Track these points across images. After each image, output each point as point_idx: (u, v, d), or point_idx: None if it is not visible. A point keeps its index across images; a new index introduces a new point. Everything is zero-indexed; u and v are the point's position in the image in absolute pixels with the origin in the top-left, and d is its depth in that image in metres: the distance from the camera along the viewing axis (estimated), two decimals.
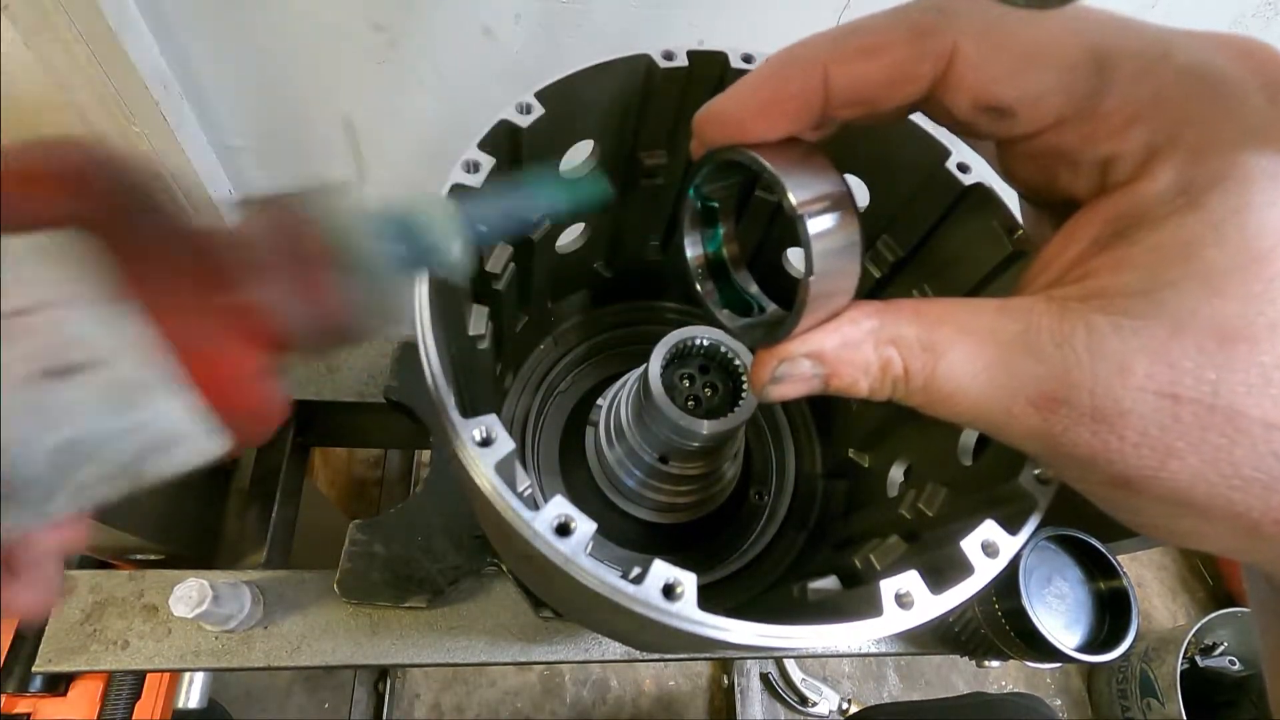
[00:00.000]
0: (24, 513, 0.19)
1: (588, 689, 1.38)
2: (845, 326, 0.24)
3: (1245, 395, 0.19)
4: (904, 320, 0.23)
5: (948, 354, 0.22)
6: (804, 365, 0.24)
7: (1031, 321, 0.21)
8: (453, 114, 0.70)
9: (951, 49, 0.22)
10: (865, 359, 0.23)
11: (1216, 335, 0.19)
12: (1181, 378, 0.19)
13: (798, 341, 0.24)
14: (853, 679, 1.48)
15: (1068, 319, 0.21)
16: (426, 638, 0.52)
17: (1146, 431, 0.20)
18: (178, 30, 0.60)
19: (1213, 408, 0.19)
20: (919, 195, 0.38)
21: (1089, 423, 0.21)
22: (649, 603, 0.23)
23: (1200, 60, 0.21)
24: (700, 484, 0.49)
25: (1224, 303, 0.19)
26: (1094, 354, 0.20)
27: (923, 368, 0.23)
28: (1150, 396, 0.20)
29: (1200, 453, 0.20)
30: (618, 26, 0.60)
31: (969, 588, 0.25)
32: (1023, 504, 0.28)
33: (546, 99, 0.34)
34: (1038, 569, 0.49)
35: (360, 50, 0.62)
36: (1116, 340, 0.20)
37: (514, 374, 0.55)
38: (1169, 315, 0.20)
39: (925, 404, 0.23)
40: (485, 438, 0.26)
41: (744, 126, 0.24)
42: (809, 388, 0.24)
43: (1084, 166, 0.23)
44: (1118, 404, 0.20)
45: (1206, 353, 0.19)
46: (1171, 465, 0.20)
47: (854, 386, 0.24)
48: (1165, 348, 0.20)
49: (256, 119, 0.70)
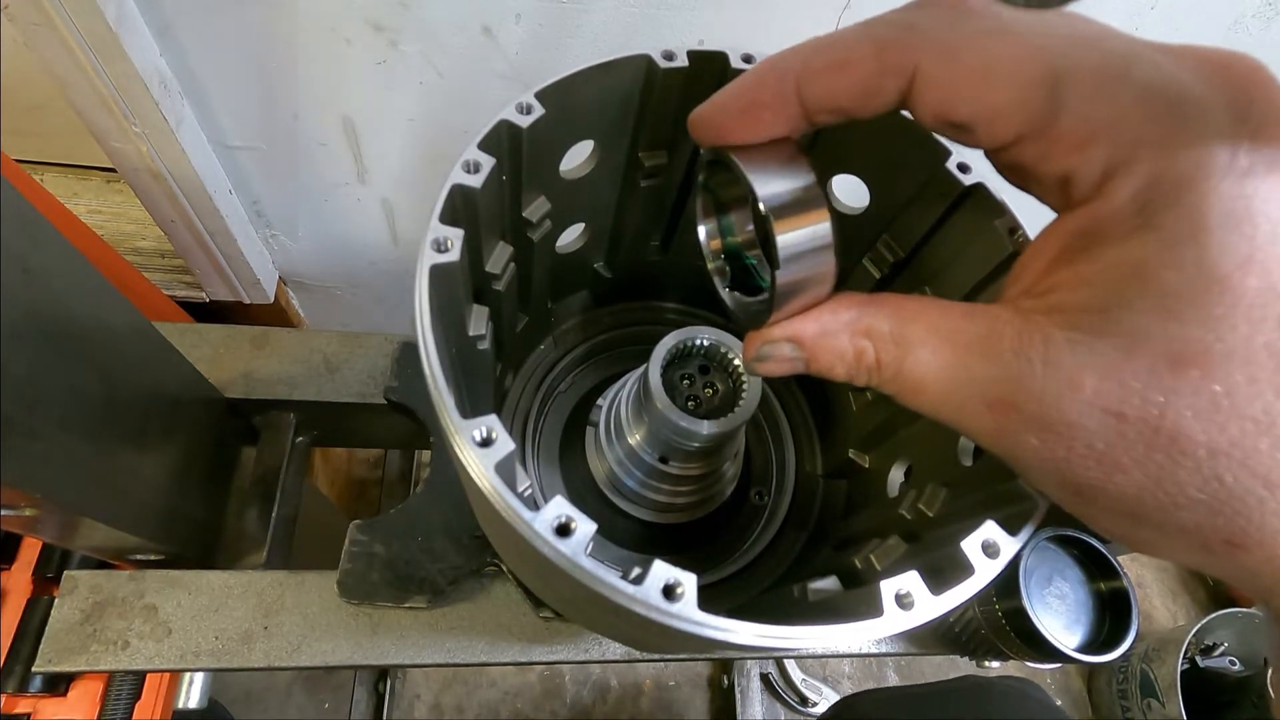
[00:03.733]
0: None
1: (588, 689, 1.38)
2: (825, 316, 0.26)
3: (1192, 420, 0.19)
4: (881, 315, 0.25)
5: (915, 350, 0.24)
6: (784, 348, 0.26)
7: (995, 328, 0.22)
8: (453, 114, 0.70)
9: (914, 66, 0.23)
10: (841, 347, 0.25)
11: (1168, 359, 0.19)
12: (1129, 397, 0.20)
13: (780, 326, 0.26)
14: (853, 679, 1.48)
15: (1029, 329, 0.22)
16: (426, 638, 0.52)
17: (1092, 445, 0.21)
18: (178, 30, 0.60)
19: (1158, 429, 0.19)
20: (919, 196, 0.38)
21: (1037, 430, 0.21)
22: (649, 603, 0.23)
23: (1163, 78, 0.21)
24: (700, 484, 0.49)
25: (1179, 327, 0.19)
26: (1047, 365, 0.21)
27: (892, 360, 0.24)
28: (1097, 412, 0.20)
29: (1145, 470, 0.20)
30: (618, 26, 0.60)
31: (969, 588, 0.25)
32: (1023, 505, 0.28)
33: (546, 99, 0.34)
34: (1038, 569, 0.49)
35: (360, 50, 0.62)
36: (1069, 354, 0.21)
37: (514, 374, 0.55)
38: (1124, 335, 0.20)
39: (896, 393, 0.25)
40: (485, 438, 0.26)
41: (728, 130, 0.26)
42: (791, 367, 0.27)
43: (1046, 182, 0.23)
44: (1063, 415, 0.21)
45: (1157, 374, 0.19)
46: (1117, 479, 0.21)
47: (831, 370, 0.26)
48: (1116, 367, 0.20)
49: (256, 119, 0.70)
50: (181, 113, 0.65)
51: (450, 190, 0.31)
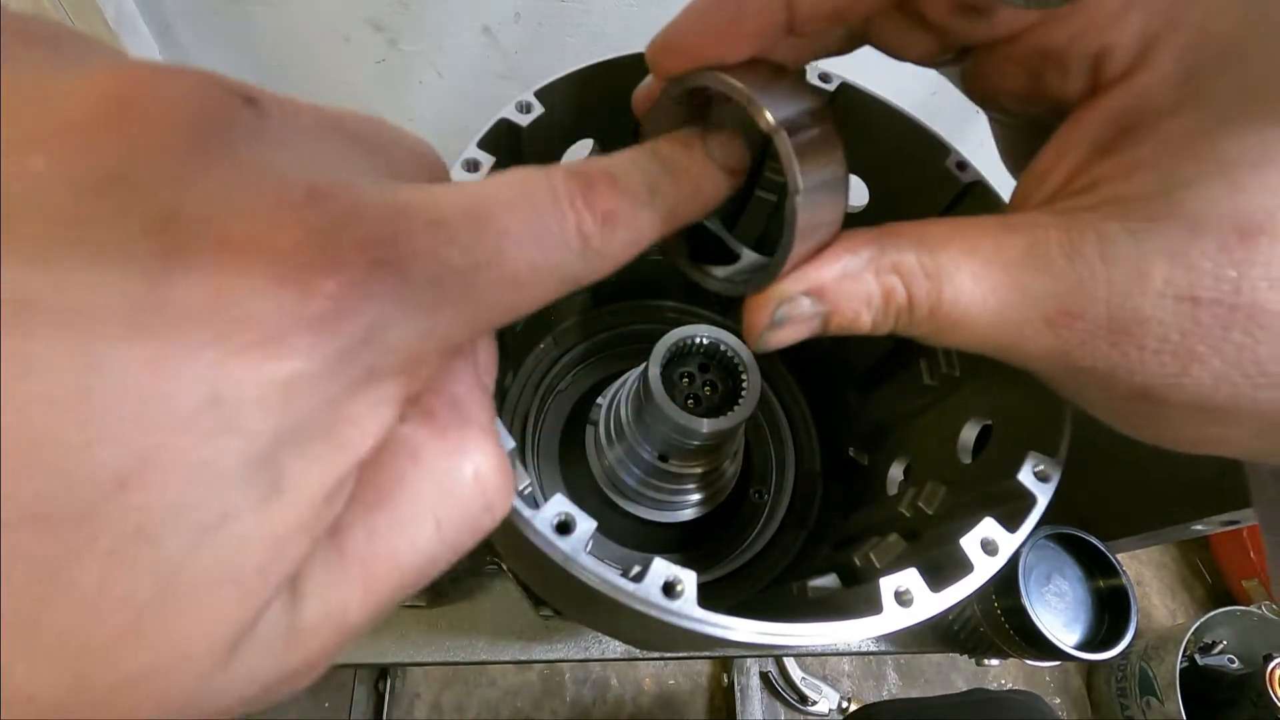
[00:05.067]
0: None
1: (588, 688, 1.38)
2: (845, 256, 0.21)
3: (1267, 290, 0.18)
4: (905, 244, 0.21)
5: (954, 277, 0.20)
6: (804, 304, 0.21)
7: (1038, 235, 0.20)
8: (453, 114, 0.70)
9: None
10: (867, 290, 0.21)
11: (1237, 230, 0.18)
12: (1201, 279, 0.18)
13: (794, 278, 0.21)
14: (852, 677, 1.48)
15: (1077, 229, 0.20)
16: (426, 637, 0.52)
17: (1167, 338, 0.19)
18: (178, 30, 0.60)
19: (1234, 306, 0.18)
20: (918, 193, 0.38)
21: (1106, 334, 0.20)
22: (649, 601, 0.23)
23: None
24: (700, 482, 0.49)
25: (1244, 196, 0.18)
26: (1109, 263, 0.19)
27: (927, 295, 0.21)
28: (1170, 301, 0.19)
29: (1223, 354, 0.19)
30: (618, 26, 0.61)
31: (968, 585, 0.25)
32: (1022, 502, 0.28)
33: (546, 98, 0.34)
34: (1037, 567, 0.49)
35: (360, 49, 0.62)
36: (1132, 246, 0.19)
37: (514, 374, 0.55)
38: (1187, 215, 0.19)
39: (932, 332, 0.22)
40: None
41: (703, 50, 0.21)
42: (809, 329, 0.22)
43: (1074, 65, 0.21)
44: (1136, 312, 0.19)
45: (1226, 250, 0.18)
46: (1194, 370, 0.19)
47: (856, 321, 0.22)
48: (1184, 249, 0.18)
49: None
50: None
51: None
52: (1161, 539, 0.49)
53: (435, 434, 0.16)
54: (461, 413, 0.17)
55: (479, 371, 0.18)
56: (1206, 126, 0.19)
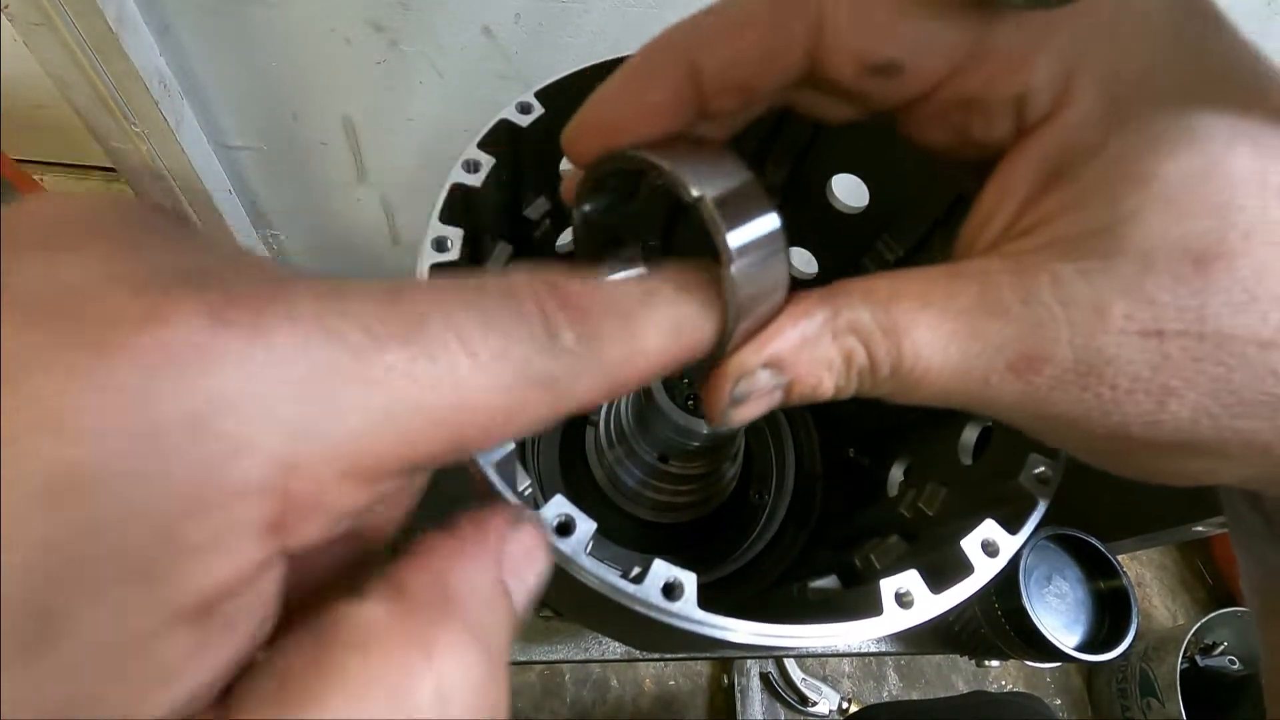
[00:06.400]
0: None
1: (588, 689, 1.38)
2: (801, 322, 0.20)
3: (1231, 316, 0.17)
4: (857, 302, 0.20)
5: (911, 332, 0.19)
6: (762, 377, 0.20)
7: (989, 281, 0.19)
8: (453, 114, 0.70)
9: (818, 8, 0.20)
10: (827, 355, 0.20)
11: (1190, 260, 0.17)
12: (1163, 312, 0.18)
13: (750, 350, 0.20)
14: (853, 678, 1.48)
15: (1029, 272, 0.19)
16: None
17: (1138, 375, 0.18)
18: (178, 30, 0.60)
19: (1201, 336, 0.18)
20: (919, 195, 0.38)
21: (1075, 378, 0.19)
22: (649, 602, 0.23)
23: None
24: (700, 483, 0.49)
25: (1191, 221, 0.18)
26: (1066, 304, 0.18)
27: (888, 353, 0.20)
28: (1134, 338, 0.18)
29: (1197, 386, 0.18)
30: (618, 26, 0.61)
31: (969, 587, 0.25)
32: (1023, 503, 0.28)
33: (546, 99, 0.34)
34: (1038, 568, 0.49)
35: (360, 50, 0.62)
36: (1086, 286, 0.18)
37: None
38: (1135, 249, 0.18)
39: (896, 391, 0.20)
40: None
41: (620, 131, 0.21)
42: (770, 402, 0.21)
43: (996, 111, 0.21)
44: (1101, 352, 0.18)
45: (1184, 280, 0.18)
46: (1171, 406, 0.18)
47: (819, 388, 0.21)
48: (1139, 284, 0.18)
49: (256, 119, 0.70)
50: (181, 113, 0.65)
51: (450, 190, 0.31)
52: (1162, 540, 0.49)
53: (399, 618, 0.13)
54: (447, 600, 0.14)
55: (500, 559, 0.16)
56: (1140, 152, 0.18)
